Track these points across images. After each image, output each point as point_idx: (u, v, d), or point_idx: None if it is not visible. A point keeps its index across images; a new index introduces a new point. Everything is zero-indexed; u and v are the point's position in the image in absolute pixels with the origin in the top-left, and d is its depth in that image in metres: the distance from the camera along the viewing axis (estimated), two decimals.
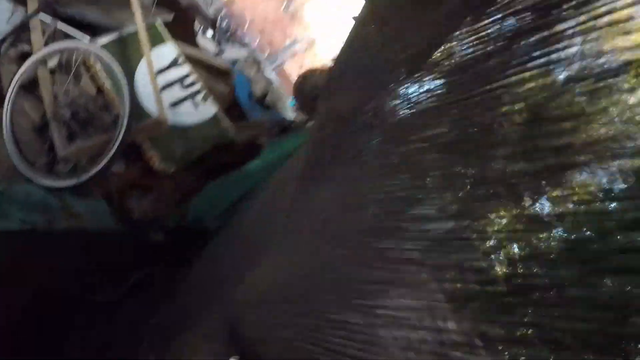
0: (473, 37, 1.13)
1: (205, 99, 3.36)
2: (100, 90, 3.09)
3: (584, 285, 0.82)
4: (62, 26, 3.29)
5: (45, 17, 3.29)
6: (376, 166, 1.43)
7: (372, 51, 1.61)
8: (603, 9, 0.83)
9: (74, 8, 3.38)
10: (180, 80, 3.30)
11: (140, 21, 3.16)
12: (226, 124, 3.40)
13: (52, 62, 3.10)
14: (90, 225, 3.04)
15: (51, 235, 2.82)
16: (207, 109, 3.36)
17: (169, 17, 3.51)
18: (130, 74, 3.13)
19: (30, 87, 3.06)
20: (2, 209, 2.69)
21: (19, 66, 2.99)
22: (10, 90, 2.89)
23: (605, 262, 0.81)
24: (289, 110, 4.13)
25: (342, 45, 1.92)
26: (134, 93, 3.11)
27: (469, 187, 1.10)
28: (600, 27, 0.85)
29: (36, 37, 3.15)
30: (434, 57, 1.30)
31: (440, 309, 0.99)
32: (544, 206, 0.91)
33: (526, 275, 0.93)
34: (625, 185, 0.81)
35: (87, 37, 3.20)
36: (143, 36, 3.14)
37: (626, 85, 0.83)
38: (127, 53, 3.20)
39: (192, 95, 3.31)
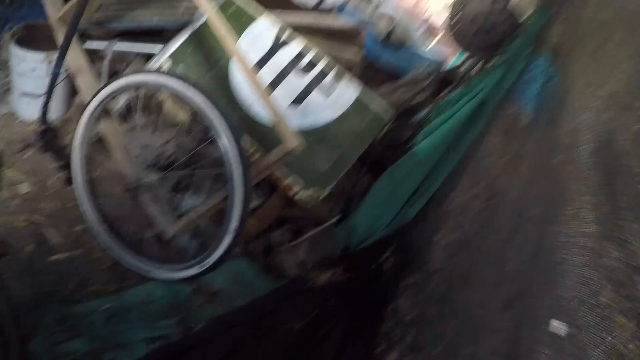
0: None
1: (337, 78, 2.23)
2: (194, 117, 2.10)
3: None
4: (123, 46, 2.37)
5: (97, 44, 2.40)
6: None
7: None
8: None
9: (124, 20, 2.41)
10: (294, 63, 2.20)
11: (207, 3, 2.02)
12: (378, 103, 2.25)
13: (117, 106, 2.17)
14: (237, 299, 2.06)
15: (199, 342, 1.88)
16: (346, 92, 2.22)
17: None
18: (222, 78, 2.10)
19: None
20: (121, 333, 1.80)
21: None
22: (75, 156, 1.99)
23: None
24: (421, 39, 2.98)
25: None
26: (236, 102, 2.08)
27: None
28: None
29: (82, 81, 2.22)
30: None
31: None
32: None
33: None
34: None
35: (159, 45, 2.22)
36: (218, 23, 1.99)
37: None
38: (209, 51, 2.17)
39: (319, 80, 2.19)
